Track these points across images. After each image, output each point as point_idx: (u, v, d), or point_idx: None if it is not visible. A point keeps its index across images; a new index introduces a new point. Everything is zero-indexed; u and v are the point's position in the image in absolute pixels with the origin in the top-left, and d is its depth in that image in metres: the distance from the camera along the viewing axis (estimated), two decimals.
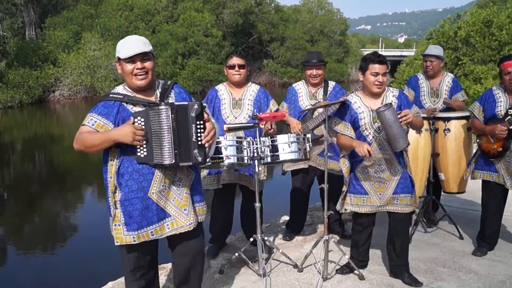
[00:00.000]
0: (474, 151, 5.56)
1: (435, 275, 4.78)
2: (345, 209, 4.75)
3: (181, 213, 3.54)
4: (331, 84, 5.69)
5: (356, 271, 4.76)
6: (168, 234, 3.54)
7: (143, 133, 3.26)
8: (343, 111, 4.62)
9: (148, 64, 3.42)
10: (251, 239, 4.82)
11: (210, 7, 48.24)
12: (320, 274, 4.74)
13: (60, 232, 9.47)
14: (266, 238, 4.86)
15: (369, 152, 4.25)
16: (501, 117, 5.06)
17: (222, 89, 5.28)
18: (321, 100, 5.50)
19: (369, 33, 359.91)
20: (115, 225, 3.46)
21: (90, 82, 35.57)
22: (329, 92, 5.59)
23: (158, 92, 3.53)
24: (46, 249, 8.45)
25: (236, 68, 5.11)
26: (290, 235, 5.86)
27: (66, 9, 43.99)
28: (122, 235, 3.44)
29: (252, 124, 4.46)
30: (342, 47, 68.96)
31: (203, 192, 3.83)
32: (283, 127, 5.62)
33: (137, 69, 3.38)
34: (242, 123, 4.88)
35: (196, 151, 3.32)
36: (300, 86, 5.72)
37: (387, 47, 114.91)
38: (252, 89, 5.27)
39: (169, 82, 3.67)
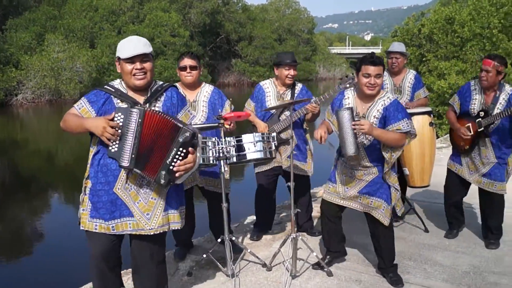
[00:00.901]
0: (438, 145, 5.67)
1: (401, 269, 4.83)
2: (322, 197, 4.81)
3: (143, 217, 3.53)
4: (298, 86, 5.69)
5: (325, 268, 4.80)
6: (128, 233, 3.55)
7: (115, 132, 3.28)
8: (335, 102, 4.64)
9: (147, 65, 3.46)
10: (219, 240, 4.81)
11: (176, 7, 48.03)
12: (288, 272, 4.75)
13: (26, 239, 9.29)
14: (234, 238, 4.86)
15: (321, 137, 4.32)
16: (473, 115, 5.22)
17: None
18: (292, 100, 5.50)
19: (336, 31, 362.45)
20: (83, 209, 3.52)
21: (55, 85, 34.89)
22: (296, 94, 5.58)
23: (149, 93, 3.56)
24: (11, 258, 8.29)
25: (188, 70, 5.01)
26: (257, 234, 5.86)
27: (28, 10, 43.13)
28: (86, 220, 3.50)
29: (217, 124, 4.45)
30: (310, 45, 69.29)
31: (182, 198, 3.80)
32: (249, 128, 5.62)
33: (136, 69, 3.42)
34: (207, 124, 4.85)
35: (163, 172, 3.34)
36: (268, 86, 5.68)
37: (354, 45, 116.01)
38: (206, 90, 5.16)
39: (165, 84, 3.69)
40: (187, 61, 5.01)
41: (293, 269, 4.71)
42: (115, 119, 3.32)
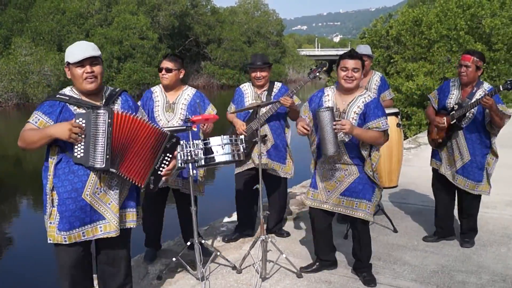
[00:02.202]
0: (405, 146, 5.72)
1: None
2: (305, 203, 4.81)
3: (114, 217, 3.53)
4: (277, 85, 5.69)
5: (295, 270, 4.80)
6: (100, 237, 3.53)
7: (80, 131, 3.28)
8: (314, 99, 4.65)
9: (97, 69, 3.47)
10: (188, 243, 4.79)
11: (145, 9, 47.79)
12: (258, 274, 4.75)
13: None
14: (204, 241, 4.84)
15: (304, 128, 4.33)
16: (449, 109, 5.29)
17: (158, 91, 5.20)
18: (264, 101, 5.51)
19: (305, 33, 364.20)
20: (50, 223, 3.47)
21: (22, 89, 34.44)
22: (274, 93, 5.58)
23: (104, 97, 3.56)
24: None
25: (163, 72, 5.03)
26: (235, 235, 5.84)
27: None
28: (54, 234, 3.45)
29: (185, 127, 4.43)
30: (279, 47, 69.58)
31: (138, 197, 3.81)
32: (229, 128, 5.64)
33: (86, 73, 3.41)
34: (175, 126, 4.83)
35: (152, 178, 3.51)
36: (246, 87, 5.71)
37: (323, 46, 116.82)
38: (188, 93, 5.17)
39: (118, 89, 3.71)
40: (164, 63, 5.05)
41: (263, 271, 4.70)
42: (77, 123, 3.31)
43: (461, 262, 5.07)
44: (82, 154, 3.34)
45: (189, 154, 4.38)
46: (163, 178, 3.61)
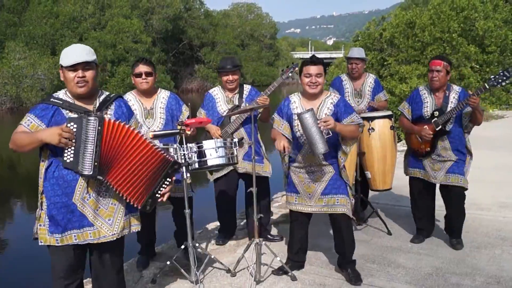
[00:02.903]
0: (399, 148, 5.73)
1: (365, 272, 4.87)
2: (289, 208, 4.86)
3: (104, 223, 3.51)
4: (247, 87, 5.70)
5: (289, 273, 4.80)
6: (90, 242, 3.50)
7: (70, 136, 3.25)
8: (283, 108, 4.70)
9: (89, 73, 3.42)
10: (182, 246, 4.78)
11: (138, 13, 47.77)
12: (253, 277, 4.74)
13: None
14: (197, 244, 4.83)
15: (284, 148, 4.35)
16: (427, 117, 5.30)
17: (132, 99, 5.07)
18: (237, 104, 5.51)
19: (298, 36, 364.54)
20: (40, 225, 3.47)
21: (16, 93, 34.45)
22: (245, 95, 5.59)
23: (97, 102, 3.54)
24: None
25: (143, 76, 4.93)
26: (223, 239, 5.85)
27: None
28: (46, 236, 3.44)
29: (178, 131, 4.42)
30: (273, 50, 69.67)
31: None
32: (202, 134, 5.59)
33: (78, 77, 3.38)
34: (168, 130, 4.80)
35: (150, 200, 3.54)
36: (216, 92, 5.68)
37: (316, 49, 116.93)
38: (163, 96, 5.11)
39: (113, 95, 3.69)
40: (142, 68, 4.94)
41: (257, 274, 4.70)
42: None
43: (455, 264, 5.07)
44: (71, 159, 3.32)
45: (182, 157, 4.37)
46: (159, 200, 3.62)
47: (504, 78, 4.91)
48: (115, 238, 3.54)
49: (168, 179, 3.57)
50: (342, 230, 4.67)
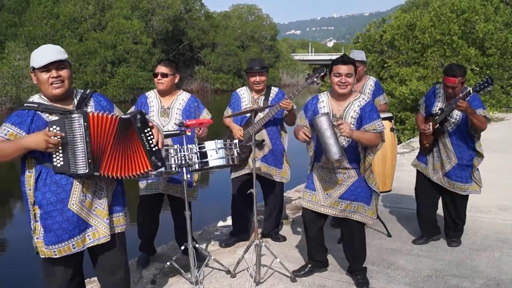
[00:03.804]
0: (399, 150, 5.75)
1: None
2: (302, 205, 4.81)
3: (102, 223, 3.46)
4: (274, 90, 5.70)
5: (288, 274, 4.80)
6: (90, 245, 3.46)
7: (57, 140, 3.15)
8: (309, 106, 4.67)
9: (64, 73, 3.34)
10: (182, 247, 4.78)
11: (138, 14, 47.73)
12: (252, 278, 4.75)
13: None
14: (198, 245, 4.83)
15: (305, 135, 4.35)
16: (435, 115, 5.41)
17: (152, 96, 5.20)
18: (262, 106, 5.51)
19: (298, 38, 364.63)
20: (37, 238, 3.36)
21: (16, 93, 34.41)
22: (271, 98, 5.59)
23: (75, 101, 3.46)
24: None
25: (159, 77, 5.04)
26: (231, 241, 5.85)
27: None
28: (44, 249, 3.35)
29: (179, 132, 4.43)
30: (273, 52, 69.58)
31: (124, 200, 3.74)
32: (225, 132, 5.65)
33: (52, 77, 3.29)
34: (169, 131, 4.82)
35: (153, 157, 3.38)
36: (243, 92, 5.71)
37: (316, 51, 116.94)
38: (182, 98, 5.18)
39: (88, 91, 3.60)
40: (159, 68, 5.04)
41: (257, 276, 4.70)
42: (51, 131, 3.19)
43: (455, 267, 5.08)
44: (62, 163, 3.23)
45: (183, 158, 4.37)
46: (160, 146, 3.45)
47: (486, 85, 4.94)
48: (109, 239, 3.50)
49: (145, 130, 3.37)
50: (355, 237, 4.64)
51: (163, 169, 4.21)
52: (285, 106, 5.27)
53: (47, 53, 3.31)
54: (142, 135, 3.36)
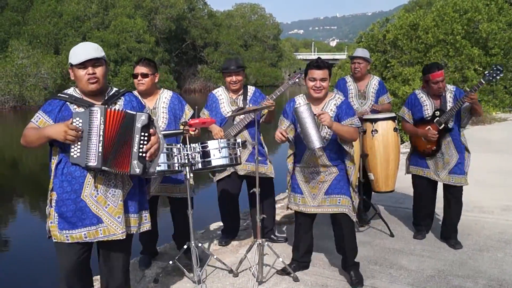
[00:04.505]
0: (402, 150, 5.77)
1: (367, 273, 4.87)
2: (290, 208, 4.86)
3: (113, 221, 3.48)
4: (251, 89, 5.71)
5: (291, 274, 4.80)
6: (101, 239, 3.49)
7: (77, 134, 3.24)
8: (288, 110, 4.70)
9: (99, 70, 3.45)
10: (185, 246, 4.78)
11: (142, 13, 47.78)
12: (255, 278, 4.74)
13: None
14: (200, 244, 4.83)
15: (282, 135, 4.41)
16: (428, 118, 5.45)
17: None
18: (241, 106, 5.52)
19: (301, 37, 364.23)
20: (51, 222, 3.47)
21: (19, 91, 34.47)
22: (249, 97, 5.60)
23: (106, 97, 3.56)
24: None
25: (139, 78, 4.91)
26: (226, 240, 5.85)
27: None
28: (56, 233, 3.44)
29: (181, 131, 4.42)
30: (276, 51, 69.65)
31: (144, 203, 3.76)
32: (205, 134, 5.59)
33: (88, 74, 3.41)
34: (172, 130, 4.81)
35: (135, 162, 3.36)
36: (220, 93, 5.68)
37: (319, 51, 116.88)
38: (165, 96, 5.08)
39: (122, 90, 3.70)
40: (139, 69, 4.93)
41: (260, 275, 4.70)
42: (74, 123, 3.27)
43: (457, 267, 5.07)
44: (78, 154, 3.31)
45: (185, 157, 4.37)
46: (148, 157, 3.41)
47: (498, 72, 5.12)
48: (125, 236, 3.52)
49: (143, 133, 3.37)
50: (344, 231, 4.67)
51: (165, 167, 4.22)
52: (268, 104, 5.25)
53: (85, 51, 3.43)
54: (137, 135, 3.38)
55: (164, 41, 51.21)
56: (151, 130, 3.45)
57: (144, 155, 3.40)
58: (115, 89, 3.66)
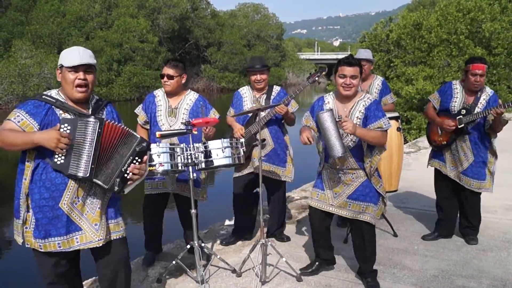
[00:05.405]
0: (405, 150, 5.75)
1: None
2: (309, 204, 4.78)
3: (91, 228, 3.42)
4: (276, 88, 5.68)
5: (293, 273, 4.79)
6: (77, 248, 3.42)
7: (68, 141, 3.16)
8: (316, 108, 4.61)
9: (90, 77, 3.38)
10: (188, 246, 4.78)
11: (145, 12, 47.78)
12: (258, 278, 4.74)
13: None
14: (203, 244, 4.83)
15: (308, 139, 4.28)
16: (454, 113, 5.40)
17: (160, 96, 5.19)
18: (263, 105, 5.49)
19: (305, 37, 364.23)
20: (26, 227, 3.37)
21: (22, 91, 34.45)
22: (273, 97, 5.58)
23: (91, 106, 3.48)
24: None
25: (165, 79, 5.02)
26: (231, 240, 5.85)
27: None
28: (31, 239, 3.36)
29: (185, 130, 4.41)
30: (279, 51, 69.63)
31: (120, 209, 3.71)
32: (228, 132, 5.63)
33: (79, 79, 3.32)
34: (175, 130, 4.81)
35: (118, 180, 3.32)
36: (245, 91, 5.71)
37: (323, 50, 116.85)
38: (190, 98, 5.16)
39: (104, 100, 3.63)
40: (166, 70, 5.02)
41: (263, 275, 4.70)
42: (62, 130, 3.19)
43: (461, 267, 5.06)
44: (62, 161, 3.22)
45: (189, 157, 4.37)
46: (129, 182, 3.38)
47: None
48: (101, 244, 3.44)
49: (137, 158, 3.36)
50: (365, 239, 4.59)
51: (169, 167, 4.21)
52: (279, 111, 5.25)
53: (79, 55, 3.34)
54: (131, 157, 3.35)
55: (167, 41, 51.21)
56: (145, 158, 3.42)
57: (128, 176, 3.35)
58: (96, 97, 3.58)
